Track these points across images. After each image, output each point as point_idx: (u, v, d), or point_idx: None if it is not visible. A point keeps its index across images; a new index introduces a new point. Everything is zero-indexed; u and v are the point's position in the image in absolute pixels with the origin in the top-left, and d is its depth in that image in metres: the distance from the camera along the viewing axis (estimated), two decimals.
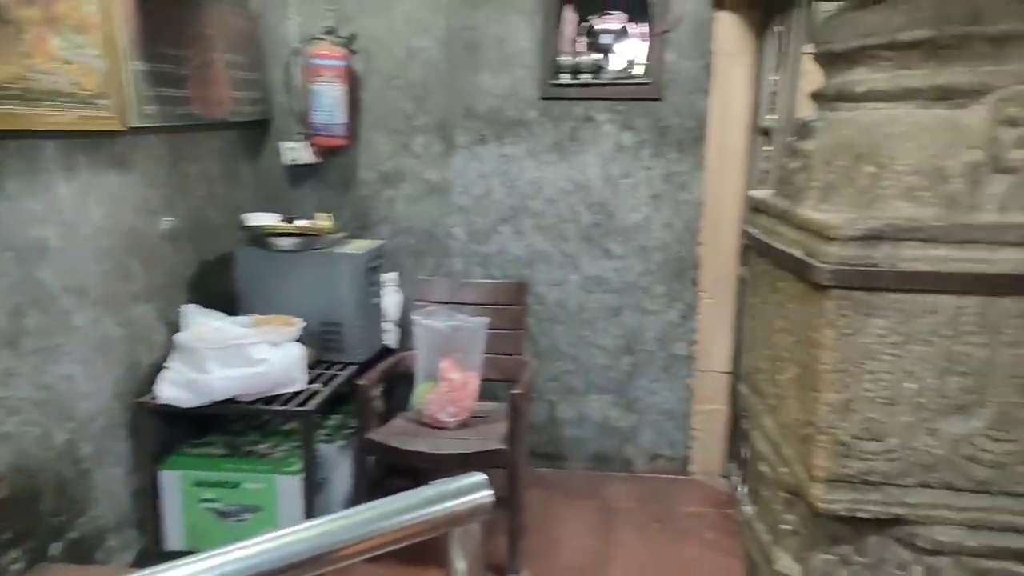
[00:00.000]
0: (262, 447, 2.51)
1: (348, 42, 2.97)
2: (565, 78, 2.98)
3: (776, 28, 2.66)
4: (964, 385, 1.14)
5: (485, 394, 2.72)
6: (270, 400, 2.31)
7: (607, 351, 3.17)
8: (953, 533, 1.18)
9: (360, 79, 3.07)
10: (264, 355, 2.29)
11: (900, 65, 1.18)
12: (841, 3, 1.34)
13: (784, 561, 1.38)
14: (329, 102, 2.89)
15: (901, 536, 1.21)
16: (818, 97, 1.36)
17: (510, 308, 2.91)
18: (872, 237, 1.14)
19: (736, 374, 3.01)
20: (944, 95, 1.14)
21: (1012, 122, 1.09)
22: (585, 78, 2.98)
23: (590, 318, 3.16)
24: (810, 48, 1.49)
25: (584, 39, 3.06)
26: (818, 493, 1.21)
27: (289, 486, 2.33)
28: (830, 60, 1.32)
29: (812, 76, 1.50)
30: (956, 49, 1.12)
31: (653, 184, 3.04)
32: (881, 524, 1.22)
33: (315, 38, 2.93)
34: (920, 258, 1.12)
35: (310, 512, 2.32)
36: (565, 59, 2.98)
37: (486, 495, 0.98)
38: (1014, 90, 1.09)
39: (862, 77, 1.24)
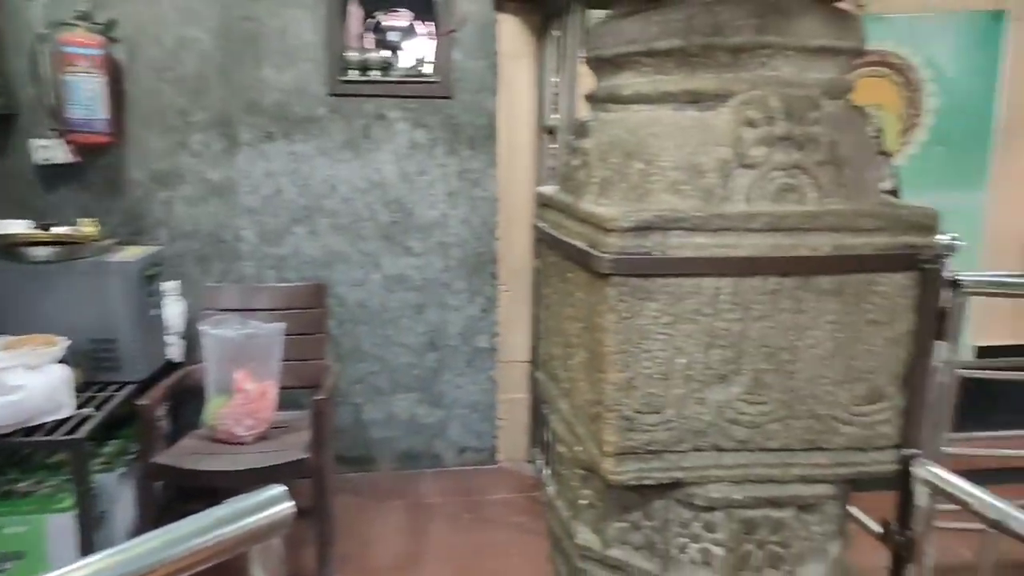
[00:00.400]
0: (23, 485, 2.21)
1: (106, 29, 2.69)
2: (354, 74, 2.93)
3: (554, 33, 2.81)
4: (724, 357, 1.28)
5: (287, 403, 2.61)
6: (31, 431, 2.04)
7: (412, 349, 3.17)
8: (723, 489, 1.32)
9: (123, 70, 2.80)
10: (20, 380, 2.02)
11: (658, 71, 1.30)
12: (607, 12, 1.44)
13: (583, 534, 1.47)
14: (86, 95, 2.60)
15: (681, 497, 1.34)
16: (591, 99, 1.45)
17: (309, 311, 2.82)
18: (644, 228, 1.23)
19: (535, 362, 3.15)
20: (695, 99, 1.27)
21: (751, 123, 1.24)
22: (375, 75, 2.95)
23: (393, 317, 3.14)
24: (584, 53, 1.59)
25: (371, 35, 3.02)
26: (609, 466, 1.30)
27: (59, 525, 2.08)
28: (599, 65, 1.42)
29: (588, 78, 1.60)
30: (703, 58, 1.25)
31: (449, 181, 3.08)
32: (664, 489, 1.33)
33: (66, 24, 2.62)
34: (684, 245, 1.24)
35: (87, 551, 2.09)
36: (353, 55, 2.92)
37: (285, 507, 0.95)
38: (750, 95, 1.24)
39: (627, 81, 1.34)
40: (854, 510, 1.49)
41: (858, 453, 1.33)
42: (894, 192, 3.35)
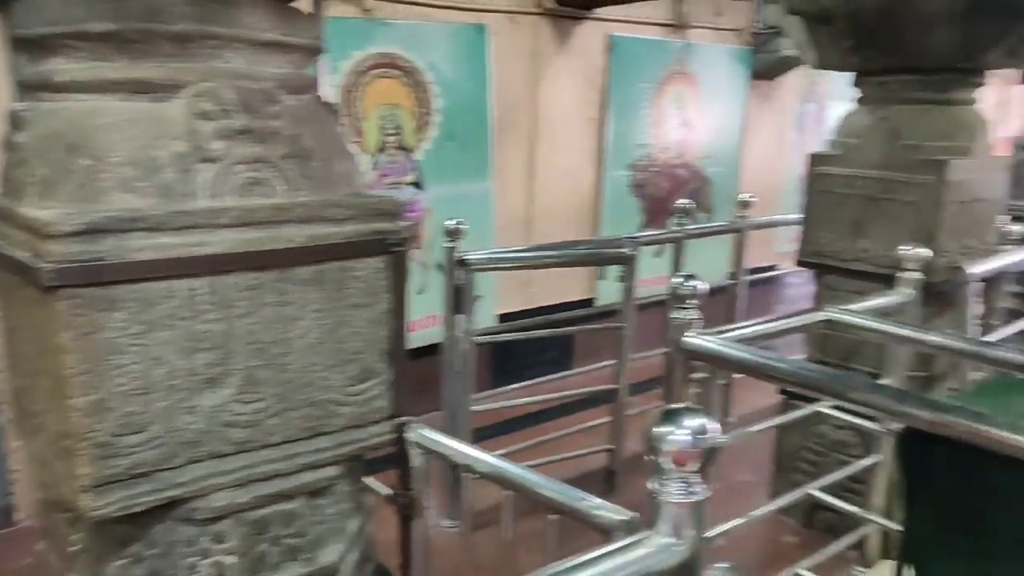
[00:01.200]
0: None
1: None
2: None
3: None
4: (210, 360, 1.22)
5: None
6: None
7: None
8: (227, 496, 1.28)
9: None
10: None
11: (96, 57, 1.17)
12: None
13: None
14: None
15: (183, 515, 1.25)
16: (23, 85, 1.26)
17: None
18: (95, 231, 1.11)
19: None
20: (142, 88, 1.18)
21: (206, 116, 1.20)
22: None
23: None
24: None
25: None
26: (87, 501, 1.15)
27: None
28: (27, 46, 1.23)
29: None
30: (144, 44, 1.17)
31: None
32: (162, 510, 1.23)
33: None
34: (147, 247, 1.15)
35: None
36: None
37: None
38: (202, 87, 1.20)
39: (61, 67, 1.18)
40: (370, 481, 1.57)
41: (357, 430, 1.40)
42: (417, 184, 3.69)
